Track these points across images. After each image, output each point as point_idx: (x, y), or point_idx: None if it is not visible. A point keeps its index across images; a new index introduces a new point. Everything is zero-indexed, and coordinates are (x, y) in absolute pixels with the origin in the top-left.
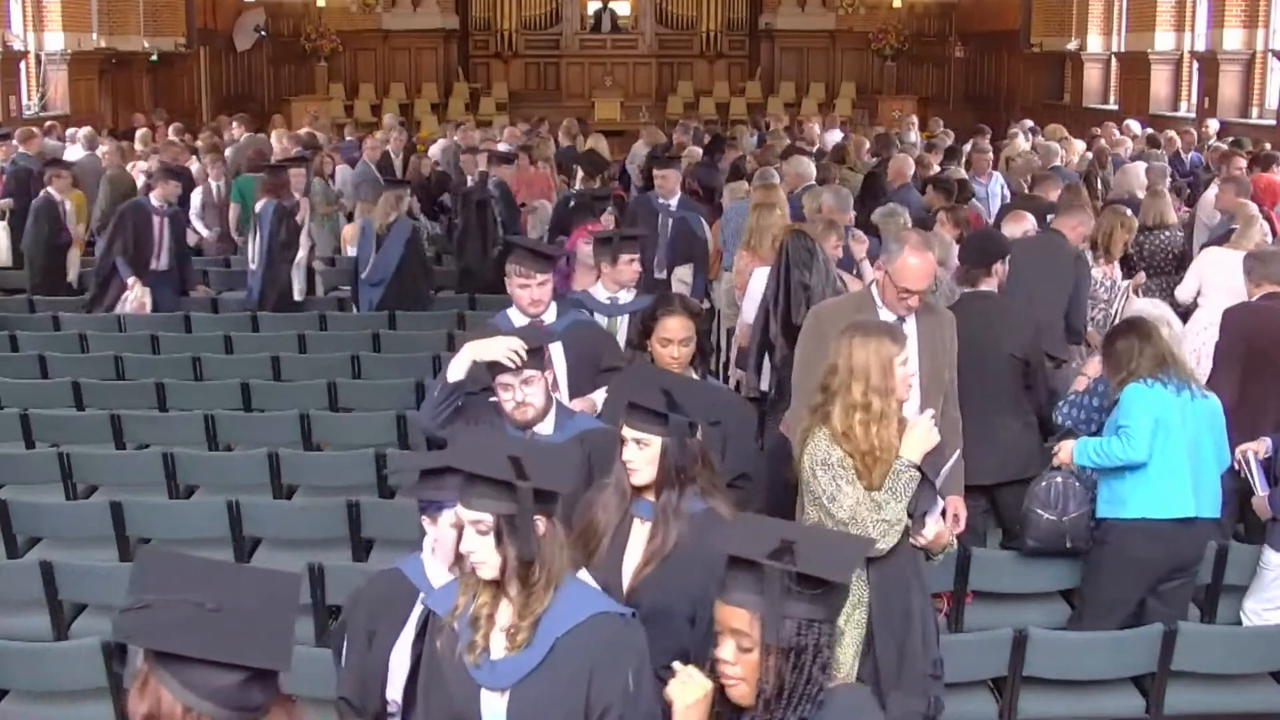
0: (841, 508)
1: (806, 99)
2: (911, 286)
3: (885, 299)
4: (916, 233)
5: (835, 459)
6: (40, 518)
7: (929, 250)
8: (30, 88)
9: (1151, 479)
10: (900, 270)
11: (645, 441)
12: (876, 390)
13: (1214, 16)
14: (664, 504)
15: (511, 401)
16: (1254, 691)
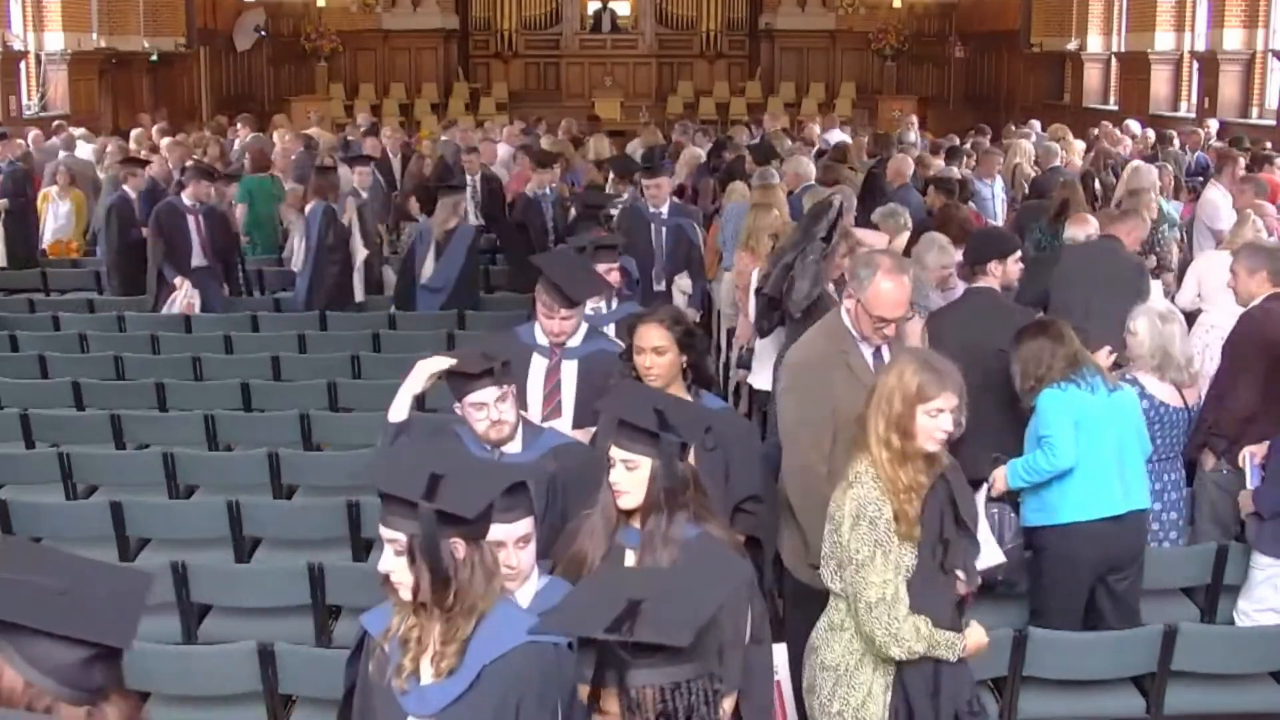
0: (869, 586)
1: (806, 99)
2: (887, 314)
3: (861, 329)
4: (888, 254)
5: (884, 518)
6: (40, 518)
7: (904, 273)
8: (30, 88)
9: (1079, 482)
10: (873, 298)
11: (633, 463)
12: (894, 425)
13: (1214, 16)
14: (651, 530)
15: (486, 421)
16: (1254, 691)
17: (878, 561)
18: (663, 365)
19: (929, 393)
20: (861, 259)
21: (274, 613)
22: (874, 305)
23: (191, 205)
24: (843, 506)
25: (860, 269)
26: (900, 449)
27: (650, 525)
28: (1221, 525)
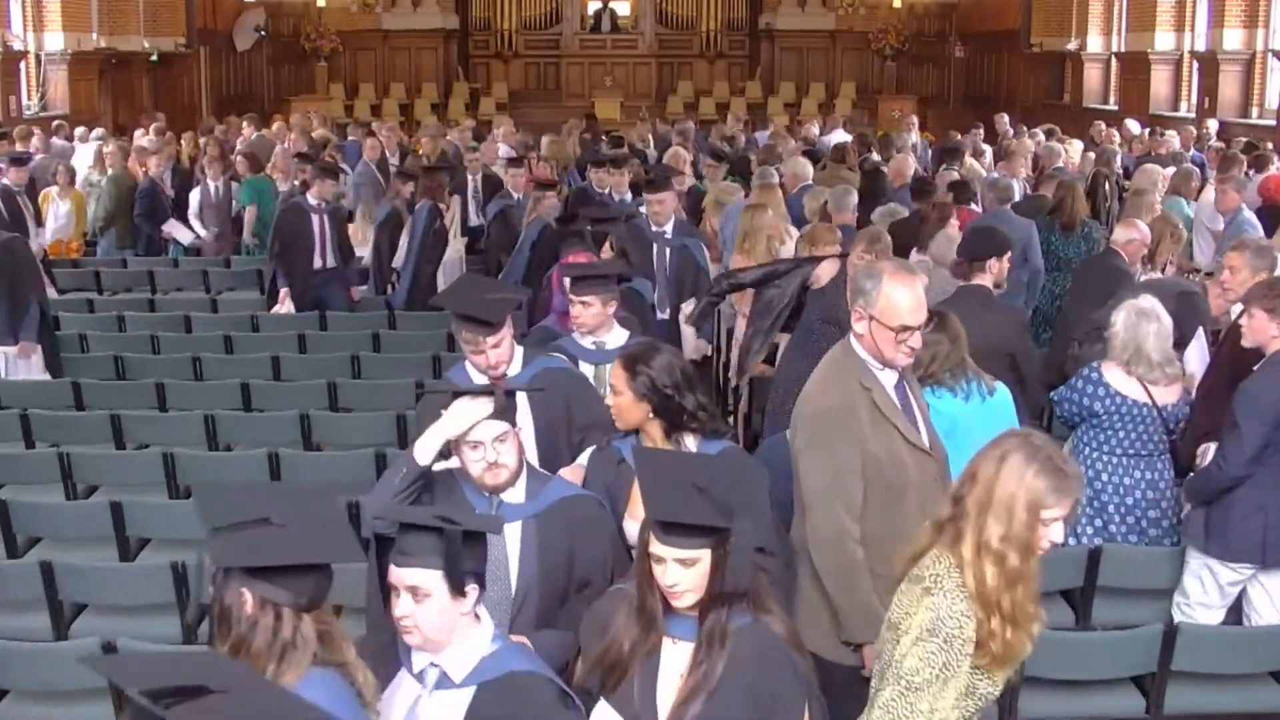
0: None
1: (806, 99)
2: (910, 321)
3: (881, 353)
4: (891, 260)
5: (963, 638)
6: (40, 518)
7: (912, 274)
8: (30, 88)
9: None
10: (887, 308)
11: (692, 560)
12: (1014, 541)
13: (1214, 16)
14: (711, 627)
15: (482, 463)
16: (1254, 691)
17: (935, 689)
18: (619, 406)
19: (1052, 500)
20: (860, 272)
21: None
22: (891, 315)
23: (316, 205)
24: (912, 614)
25: (863, 282)
26: (1017, 569)
27: (711, 621)
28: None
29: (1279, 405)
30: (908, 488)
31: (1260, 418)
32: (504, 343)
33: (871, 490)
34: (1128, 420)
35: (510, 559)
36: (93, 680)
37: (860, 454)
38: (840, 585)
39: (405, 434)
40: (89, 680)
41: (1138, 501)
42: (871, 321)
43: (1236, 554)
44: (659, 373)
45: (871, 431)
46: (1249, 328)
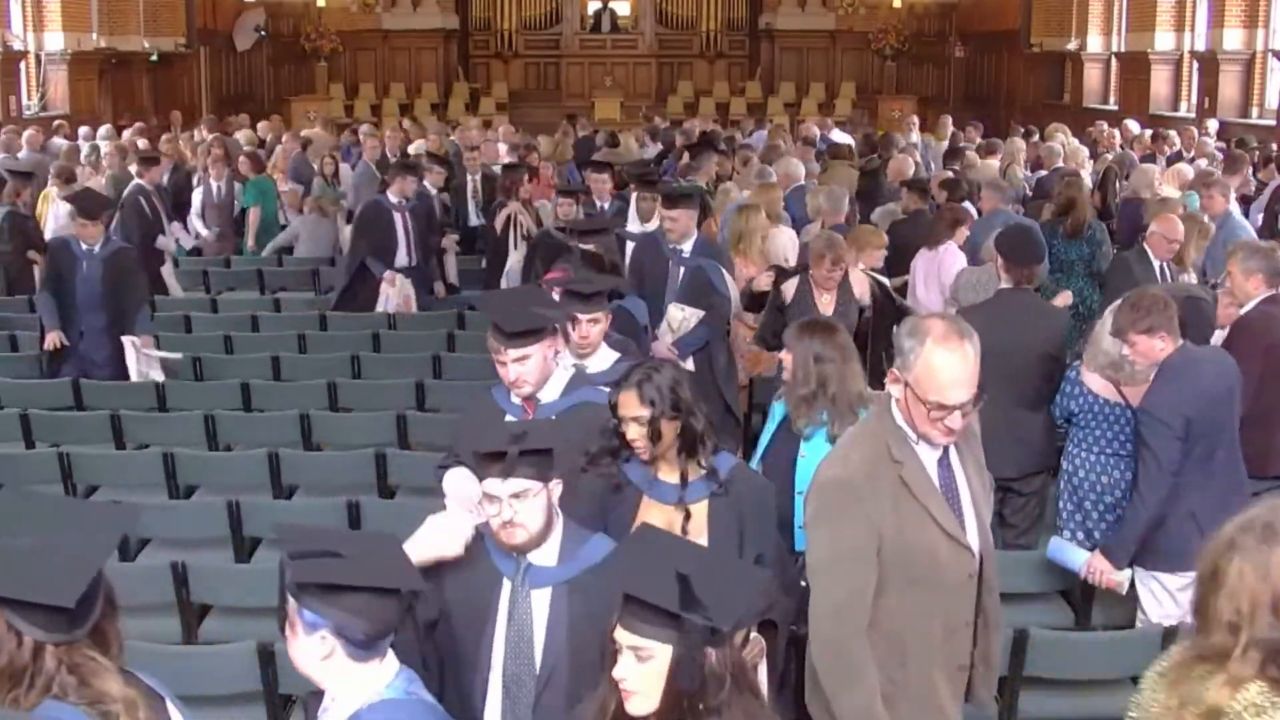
0: None
1: (806, 99)
2: (946, 398)
3: (915, 424)
4: (940, 317)
5: None
6: None
7: (964, 339)
8: (30, 88)
9: None
10: (925, 377)
11: (645, 651)
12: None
13: (1214, 16)
14: None
15: (497, 520)
16: None
17: None
18: (644, 435)
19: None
20: (905, 328)
21: (274, 613)
22: (926, 387)
23: (397, 202)
24: None
25: (903, 339)
26: None
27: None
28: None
29: (1183, 412)
30: (939, 585)
31: (1168, 429)
32: (529, 361)
33: (889, 581)
34: (1102, 420)
35: (536, 629)
36: None
37: (873, 536)
38: (838, 684)
39: (405, 434)
40: None
41: (1117, 501)
42: (906, 388)
43: (1176, 563)
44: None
45: (895, 512)
46: (1136, 355)
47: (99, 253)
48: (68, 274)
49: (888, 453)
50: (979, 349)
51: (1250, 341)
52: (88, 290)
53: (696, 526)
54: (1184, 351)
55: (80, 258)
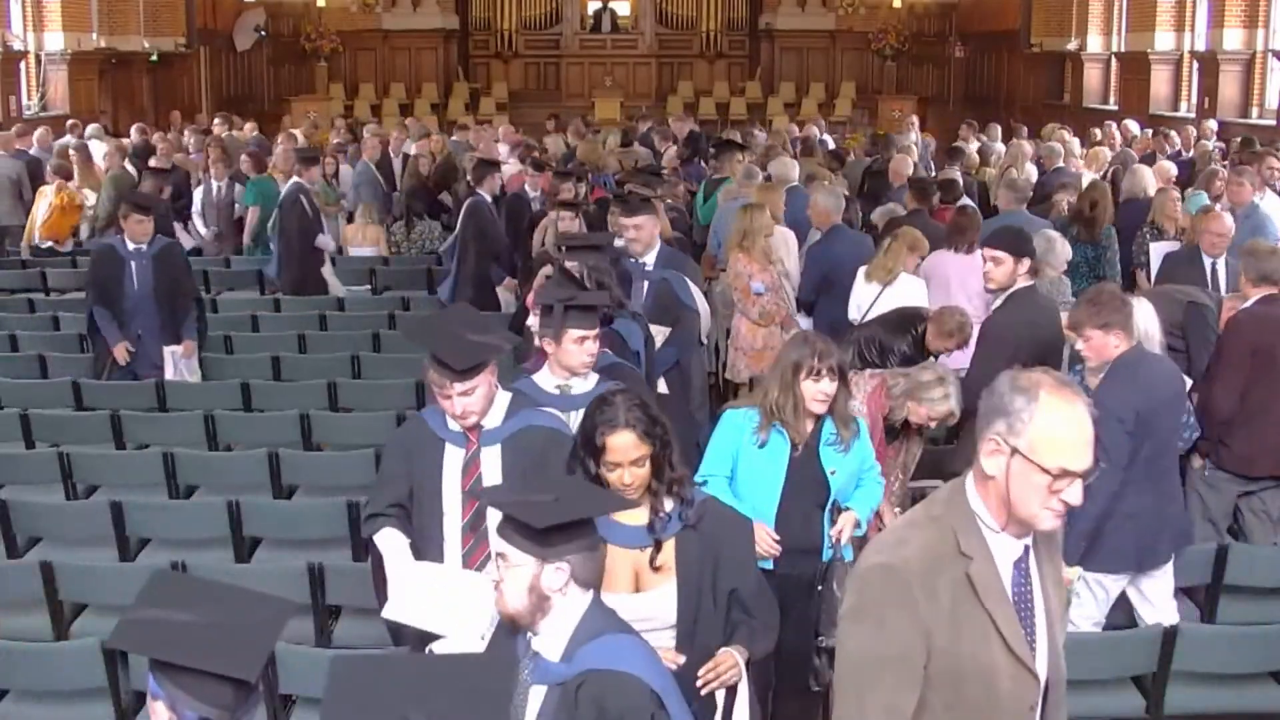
0: None
1: (806, 99)
2: (1075, 464)
3: (1013, 507)
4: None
5: None
6: (40, 518)
7: (1077, 392)
8: (30, 88)
9: None
10: (1047, 437)
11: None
12: None
13: (1214, 16)
14: None
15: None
16: (1254, 691)
17: None
18: (642, 476)
19: None
20: (1004, 383)
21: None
22: (1049, 451)
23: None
24: None
25: (1009, 398)
26: None
27: None
28: (1212, 523)
29: (1133, 408)
30: (993, 713)
31: (1119, 424)
32: (476, 392)
33: (933, 702)
34: None
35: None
36: (93, 680)
37: (922, 643)
38: None
39: None
40: (89, 680)
41: None
42: (1014, 458)
43: (1115, 565)
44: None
45: (953, 619)
46: (1090, 351)
47: (148, 251)
48: (115, 278)
49: (954, 544)
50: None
51: (1237, 342)
52: (141, 292)
53: (664, 560)
54: (1137, 351)
55: (128, 259)
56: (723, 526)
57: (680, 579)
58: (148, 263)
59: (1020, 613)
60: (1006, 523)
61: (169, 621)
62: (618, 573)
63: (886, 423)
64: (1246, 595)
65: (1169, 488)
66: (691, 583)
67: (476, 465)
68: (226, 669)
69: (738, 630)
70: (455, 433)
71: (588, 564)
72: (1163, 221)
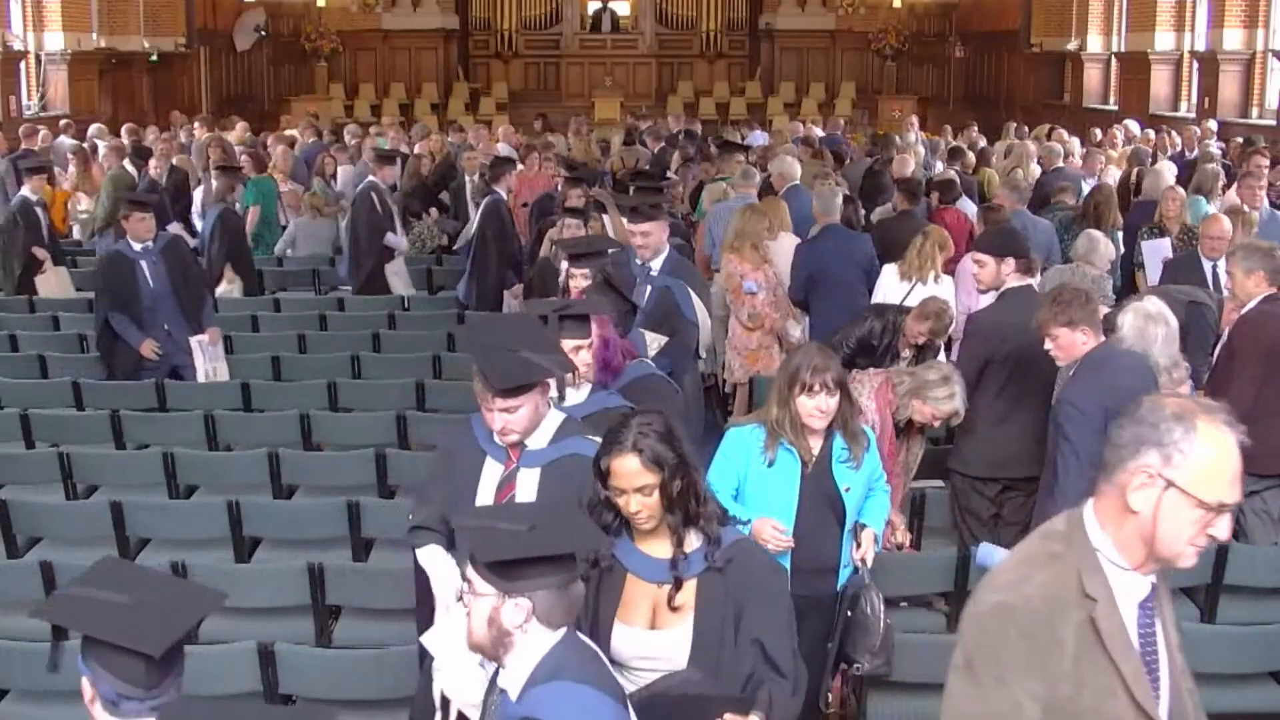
0: None
1: (806, 99)
2: (1231, 495)
3: (1157, 546)
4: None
5: None
6: (40, 518)
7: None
8: (30, 88)
9: None
10: (1207, 469)
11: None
12: None
13: (1214, 16)
14: None
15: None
16: (1254, 691)
17: None
18: (651, 504)
19: None
20: (1155, 411)
21: (274, 613)
22: (1208, 483)
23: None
24: None
25: (1163, 426)
26: None
27: None
28: None
29: (1101, 404)
30: None
31: (1088, 421)
32: (519, 411)
33: None
34: None
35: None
36: None
37: (1039, 694)
38: None
39: (405, 434)
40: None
41: None
42: (1169, 490)
43: None
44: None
45: (1075, 668)
46: (1058, 350)
47: (155, 247)
48: (128, 281)
49: (1078, 584)
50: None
51: (1250, 340)
52: (157, 288)
53: (684, 601)
54: (1105, 347)
55: (137, 259)
56: (752, 573)
57: (698, 623)
58: (157, 259)
59: (1146, 658)
60: (1143, 561)
61: (95, 599)
62: (636, 605)
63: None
64: (1246, 595)
65: None
66: (710, 629)
67: (512, 485)
68: (133, 643)
69: (759, 690)
70: (497, 447)
71: (556, 602)
72: (1167, 222)
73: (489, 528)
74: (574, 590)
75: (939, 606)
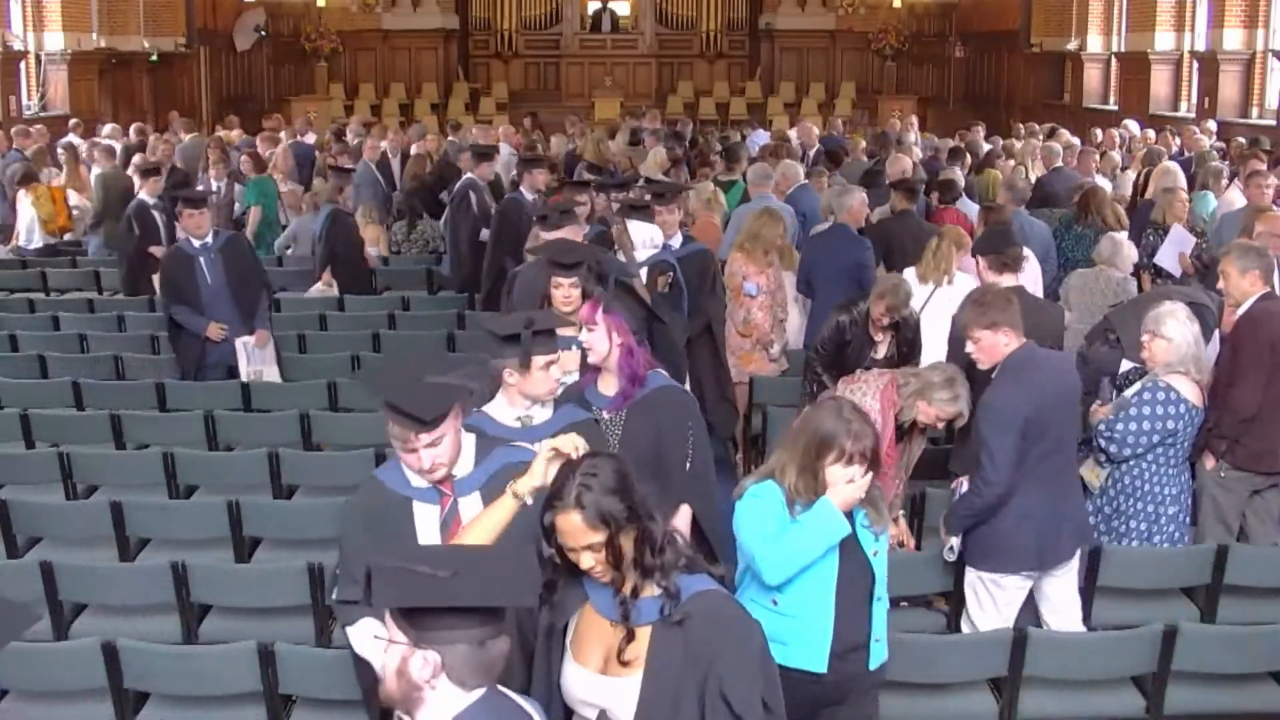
0: None
1: (806, 99)
2: None
3: None
4: None
5: None
6: (40, 518)
7: None
8: (30, 88)
9: None
10: None
11: None
12: None
13: (1214, 16)
14: None
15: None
16: (1254, 691)
17: None
18: (602, 561)
19: None
20: None
21: (274, 613)
22: None
23: (533, 199)
24: None
25: None
26: None
27: None
28: (1224, 524)
29: (1022, 410)
30: None
31: (1007, 427)
32: (444, 441)
33: None
34: (1190, 428)
35: None
36: (93, 680)
37: None
38: None
39: None
40: (89, 680)
41: (1183, 506)
42: None
43: (1015, 565)
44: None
45: None
46: (980, 352)
47: (214, 244)
48: (187, 276)
49: None
50: None
51: (1255, 338)
52: (214, 285)
53: (634, 654)
54: (1027, 349)
55: (196, 255)
56: (721, 628)
57: (647, 681)
58: (215, 256)
59: None
60: None
61: None
62: (590, 643)
63: (896, 421)
64: (1246, 595)
65: (1064, 485)
66: (661, 689)
67: (457, 521)
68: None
69: None
70: (424, 489)
71: (470, 660)
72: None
73: (401, 569)
74: (494, 648)
75: (939, 606)
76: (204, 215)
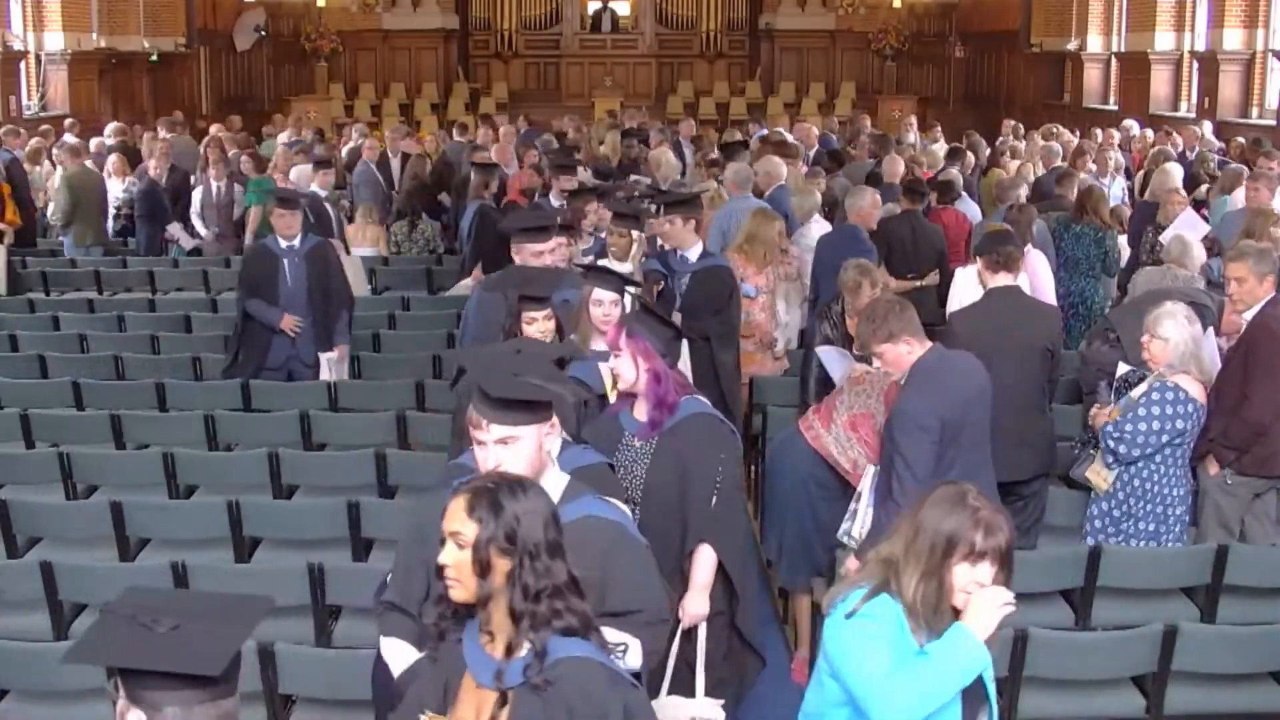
0: None
1: (806, 99)
2: None
3: None
4: None
5: None
6: (40, 518)
7: None
8: (30, 88)
9: None
10: None
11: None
12: None
13: (1214, 16)
14: None
15: None
16: (1254, 691)
17: None
18: (460, 563)
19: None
20: None
21: (274, 612)
22: None
23: (559, 205)
24: None
25: None
26: None
27: None
28: (1226, 528)
29: (937, 414)
30: None
31: (922, 433)
32: (517, 447)
33: None
34: (1197, 427)
35: None
36: (93, 680)
37: None
38: None
39: (405, 434)
40: (89, 680)
41: (1188, 506)
42: None
43: None
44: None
45: None
46: (888, 366)
47: (300, 248)
48: (269, 276)
49: None
50: None
51: (1272, 341)
52: (294, 289)
53: None
54: (935, 353)
55: (281, 256)
56: (588, 699)
57: None
58: (300, 260)
59: None
60: None
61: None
62: (465, 708)
63: None
64: (1246, 595)
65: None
66: None
67: None
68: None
69: None
70: None
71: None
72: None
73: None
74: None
75: None
76: (295, 216)
